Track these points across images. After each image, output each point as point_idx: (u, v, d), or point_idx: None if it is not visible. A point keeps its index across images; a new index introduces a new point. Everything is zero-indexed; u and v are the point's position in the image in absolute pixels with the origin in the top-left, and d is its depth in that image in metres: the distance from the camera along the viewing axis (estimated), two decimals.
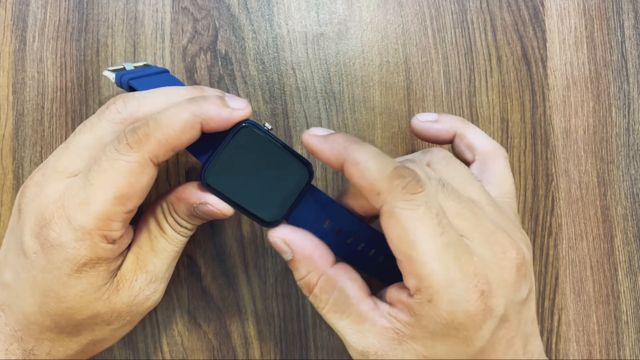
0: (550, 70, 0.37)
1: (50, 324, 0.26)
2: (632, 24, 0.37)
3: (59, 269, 0.25)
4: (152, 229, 0.28)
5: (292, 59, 0.35)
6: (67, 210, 0.25)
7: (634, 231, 0.37)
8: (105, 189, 0.24)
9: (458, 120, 0.32)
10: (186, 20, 0.35)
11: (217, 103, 0.26)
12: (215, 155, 0.26)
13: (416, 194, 0.23)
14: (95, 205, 0.24)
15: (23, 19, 0.35)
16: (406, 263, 0.23)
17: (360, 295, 0.26)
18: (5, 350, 0.26)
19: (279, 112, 0.35)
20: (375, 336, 0.25)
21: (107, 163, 0.24)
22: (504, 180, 0.30)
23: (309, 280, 0.26)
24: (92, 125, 0.26)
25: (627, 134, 0.37)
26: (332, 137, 0.25)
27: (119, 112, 0.26)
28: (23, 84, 0.34)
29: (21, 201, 0.26)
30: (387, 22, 0.36)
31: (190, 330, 0.35)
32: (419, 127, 0.31)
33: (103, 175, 0.24)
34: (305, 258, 0.26)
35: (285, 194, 0.27)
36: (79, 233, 0.24)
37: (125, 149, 0.24)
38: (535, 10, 0.37)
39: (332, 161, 0.25)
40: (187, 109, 0.25)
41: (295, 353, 0.35)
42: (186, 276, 0.35)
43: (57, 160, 0.26)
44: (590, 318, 0.36)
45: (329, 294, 0.26)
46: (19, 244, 0.26)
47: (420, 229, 0.23)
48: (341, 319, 0.26)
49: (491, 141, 0.31)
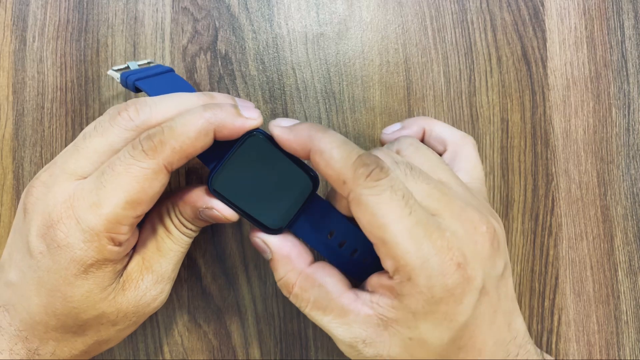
0: (550, 70, 0.37)
1: (56, 323, 0.26)
2: (632, 24, 0.37)
3: (65, 269, 0.25)
4: (157, 230, 0.28)
5: (292, 59, 0.35)
6: (77, 211, 0.25)
7: (634, 231, 0.37)
8: (118, 193, 0.24)
9: (422, 119, 0.33)
10: (186, 20, 0.35)
11: (231, 112, 0.26)
12: (223, 162, 0.27)
13: (380, 180, 0.24)
14: (107, 207, 0.24)
15: (23, 19, 0.35)
16: (381, 246, 0.24)
17: (340, 289, 0.26)
18: (9, 350, 0.26)
19: (279, 112, 0.35)
20: (361, 325, 0.25)
21: (122, 168, 0.25)
22: (474, 167, 0.31)
23: (287, 280, 0.27)
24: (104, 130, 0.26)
25: (627, 134, 0.37)
26: (297, 127, 0.26)
27: (132, 120, 0.26)
28: (23, 84, 0.34)
29: (27, 200, 0.26)
30: (387, 22, 0.36)
31: (190, 330, 0.35)
32: (388, 140, 0.32)
33: (117, 179, 0.24)
34: (283, 257, 0.27)
35: (290, 202, 0.27)
36: (87, 234, 0.25)
37: (140, 156, 0.25)
38: (535, 10, 0.37)
39: (298, 151, 0.26)
40: (201, 116, 0.25)
41: (295, 353, 0.35)
42: (186, 276, 0.35)
43: (66, 161, 0.26)
44: (590, 318, 0.36)
45: (309, 292, 0.26)
46: (25, 244, 0.26)
47: (388, 211, 0.23)
48: (324, 314, 0.26)
49: (458, 131, 0.32)
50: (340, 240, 0.28)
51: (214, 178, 0.27)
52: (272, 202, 0.27)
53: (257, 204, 0.27)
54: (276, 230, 0.27)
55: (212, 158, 0.27)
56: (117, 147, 0.26)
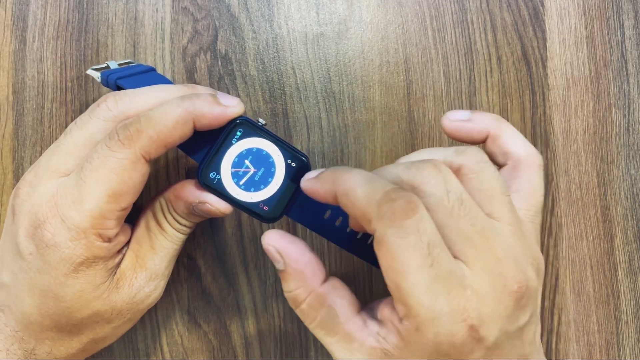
0: (550, 70, 0.37)
1: (50, 323, 0.26)
2: (632, 24, 0.37)
3: (55, 269, 0.25)
4: (151, 227, 0.28)
5: (292, 59, 0.35)
6: (61, 209, 0.24)
7: (634, 231, 0.37)
8: (99, 187, 0.24)
9: (492, 119, 0.29)
10: (186, 20, 0.35)
11: (209, 100, 0.26)
12: (210, 154, 0.26)
13: (408, 220, 0.22)
14: (89, 203, 0.24)
15: (23, 19, 0.35)
16: (395, 290, 0.23)
17: (349, 314, 0.25)
18: (6, 351, 0.26)
19: (279, 112, 0.35)
20: (364, 355, 0.24)
21: (99, 160, 0.24)
22: (534, 192, 0.27)
23: (296, 296, 0.26)
24: (83, 123, 0.26)
25: (627, 134, 0.37)
26: (323, 175, 0.25)
27: (110, 110, 0.26)
28: (23, 84, 0.34)
29: (14, 202, 0.26)
30: (387, 22, 0.36)
31: (190, 330, 0.35)
32: (449, 127, 0.28)
33: (95, 173, 0.24)
34: (297, 272, 0.25)
35: (284, 188, 0.27)
36: (73, 232, 0.24)
37: (116, 146, 0.24)
38: (535, 10, 0.37)
39: (328, 199, 0.25)
40: (179, 105, 0.25)
41: (295, 353, 0.35)
42: (186, 276, 0.35)
43: (49, 159, 0.26)
44: (590, 318, 0.36)
45: (316, 311, 0.25)
46: (15, 245, 0.26)
47: (409, 259, 0.22)
48: (329, 336, 0.25)
49: (528, 146, 0.28)
50: (337, 217, 0.28)
51: (202, 172, 0.26)
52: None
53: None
54: (273, 218, 0.27)
55: (199, 151, 0.27)
56: (97, 138, 0.26)
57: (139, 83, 0.29)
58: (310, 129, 0.35)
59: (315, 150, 0.35)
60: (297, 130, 0.35)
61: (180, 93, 0.27)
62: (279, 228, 0.35)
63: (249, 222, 0.35)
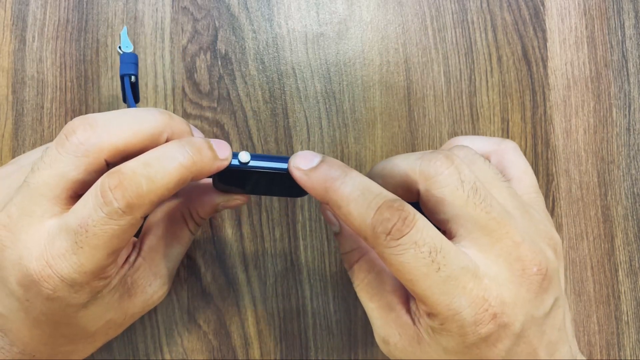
0: (550, 70, 0.37)
1: (64, 341, 0.26)
2: (632, 24, 0.37)
3: (62, 311, 0.24)
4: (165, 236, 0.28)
5: (292, 59, 0.35)
6: (57, 270, 0.23)
7: (635, 231, 0.36)
8: (98, 252, 0.23)
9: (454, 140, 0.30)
10: (186, 20, 0.35)
11: (209, 156, 0.24)
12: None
13: (403, 237, 0.22)
14: (89, 265, 0.23)
15: (23, 18, 0.35)
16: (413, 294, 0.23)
17: (395, 285, 0.26)
18: None
19: (279, 112, 0.35)
20: (398, 329, 0.25)
21: (97, 229, 0.22)
22: (523, 174, 0.28)
23: (351, 256, 0.27)
24: (52, 160, 0.23)
25: (627, 134, 0.37)
26: (313, 175, 0.24)
27: (82, 144, 0.23)
28: (23, 83, 0.34)
29: None
30: (387, 22, 0.36)
31: (190, 330, 0.35)
32: None
33: (93, 240, 0.23)
34: (351, 235, 0.27)
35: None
36: (76, 286, 0.23)
37: (117, 215, 0.22)
38: (536, 9, 0.37)
39: (318, 199, 0.24)
40: (182, 164, 0.23)
41: (295, 353, 0.35)
42: (186, 276, 0.35)
43: (22, 201, 0.24)
44: (591, 318, 0.36)
45: (366, 274, 0.26)
46: (6, 288, 0.24)
47: (414, 270, 0.22)
48: (371, 301, 0.26)
49: (493, 139, 0.30)
50: None
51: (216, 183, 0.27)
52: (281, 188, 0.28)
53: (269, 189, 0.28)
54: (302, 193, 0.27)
55: None
56: (71, 176, 0.23)
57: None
58: (310, 129, 0.35)
59: (315, 150, 0.35)
60: (297, 130, 0.35)
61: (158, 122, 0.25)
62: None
63: (249, 222, 0.35)
